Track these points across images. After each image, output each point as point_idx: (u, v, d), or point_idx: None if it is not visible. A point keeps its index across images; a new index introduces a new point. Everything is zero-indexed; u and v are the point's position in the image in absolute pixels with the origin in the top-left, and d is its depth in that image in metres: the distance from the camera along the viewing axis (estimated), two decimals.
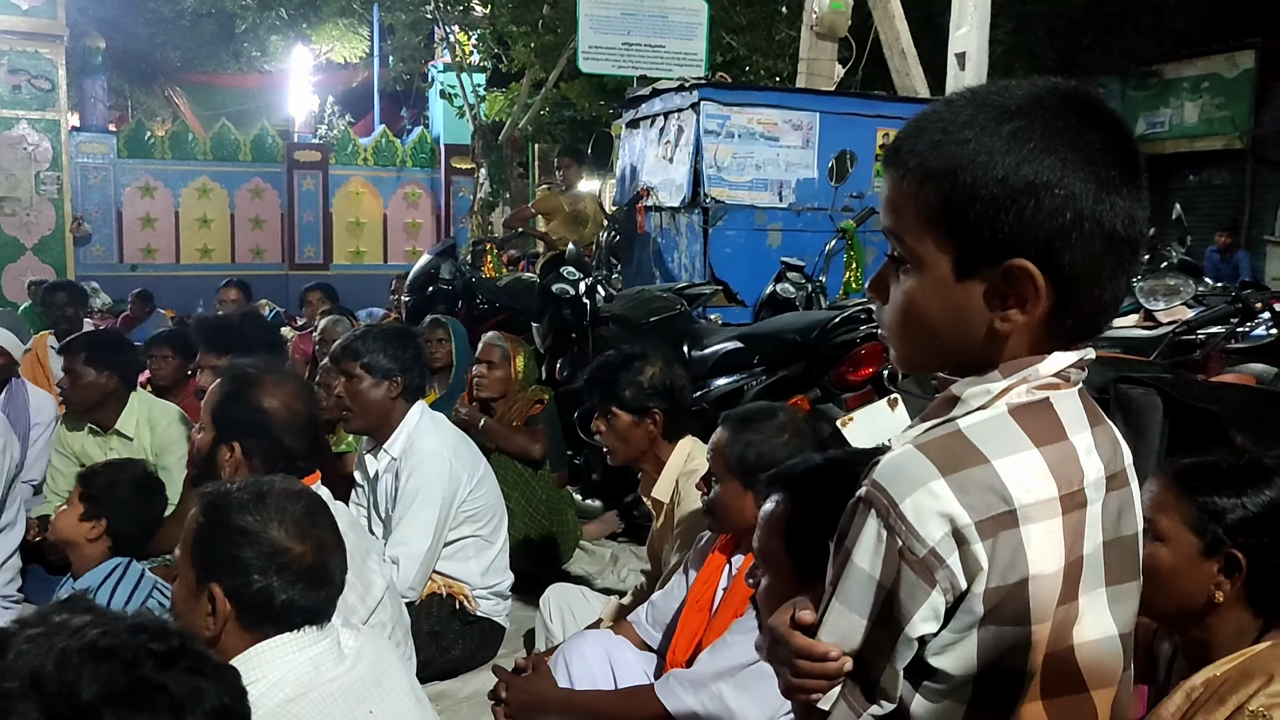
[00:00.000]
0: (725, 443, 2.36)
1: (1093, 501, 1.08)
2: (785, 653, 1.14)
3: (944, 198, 1.02)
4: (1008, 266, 1.01)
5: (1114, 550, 1.11)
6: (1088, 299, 1.04)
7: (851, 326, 3.74)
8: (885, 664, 1.07)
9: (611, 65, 7.72)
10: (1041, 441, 1.05)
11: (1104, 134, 1.03)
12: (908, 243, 1.07)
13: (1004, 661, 1.06)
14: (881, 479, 1.05)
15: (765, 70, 11.44)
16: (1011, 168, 1.00)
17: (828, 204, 5.95)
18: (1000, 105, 1.03)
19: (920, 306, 1.07)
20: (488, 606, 3.40)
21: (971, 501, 1.01)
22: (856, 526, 1.07)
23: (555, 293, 4.92)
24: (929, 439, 1.06)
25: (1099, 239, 1.01)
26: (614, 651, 2.61)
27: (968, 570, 1.02)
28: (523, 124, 12.58)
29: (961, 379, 1.08)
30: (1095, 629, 1.10)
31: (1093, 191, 1.00)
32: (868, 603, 1.06)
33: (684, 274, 6.04)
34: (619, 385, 2.91)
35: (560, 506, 4.37)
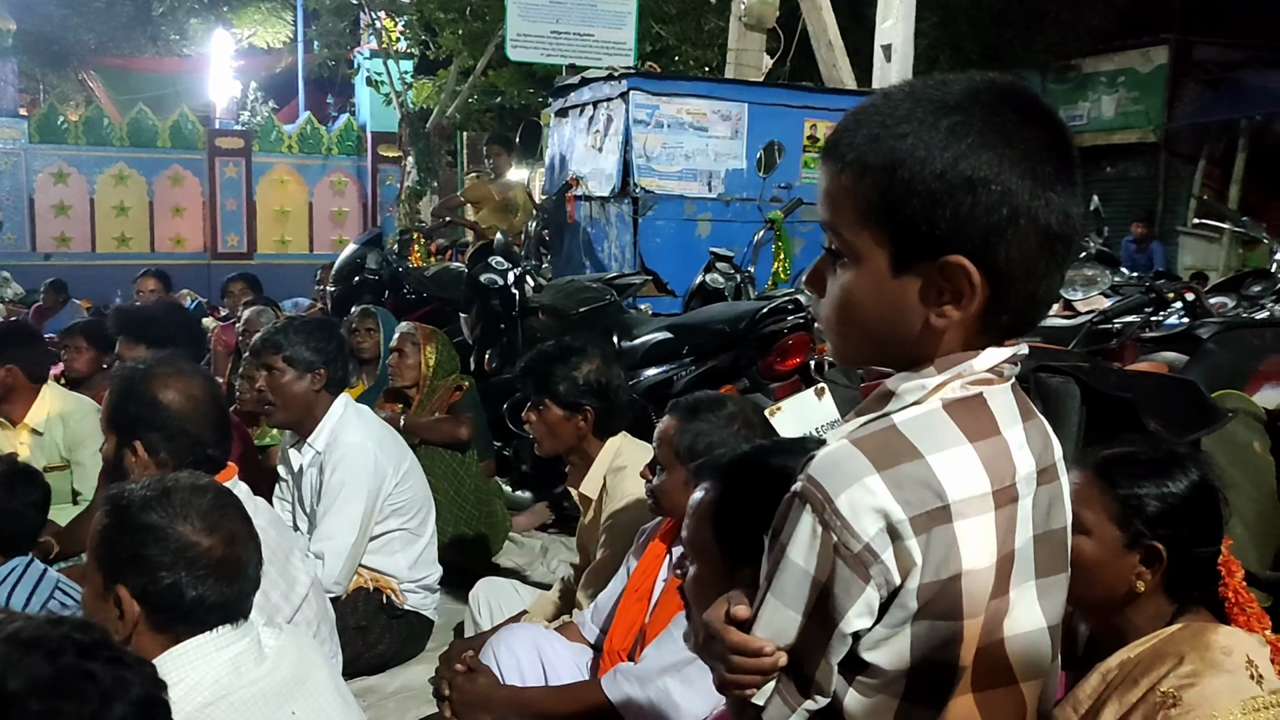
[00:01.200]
0: (673, 431, 2.35)
1: (1024, 496, 1.09)
2: (719, 648, 1.14)
3: (881, 192, 1.02)
4: (944, 262, 1.02)
5: (1044, 544, 1.12)
6: (1022, 294, 1.04)
7: (779, 317, 3.76)
8: (819, 659, 1.08)
9: (540, 53, 7.65)
10: (975, 437, 1.06)
11: (1040, 130, 1.04)
12: (845, 236, 1.07)
13: (936, 655, 1.06)
14: (817, 474, 1.05)
15: (694, 60, 11.45)
16: (949, 163, 1.00)
17: (756, 195, 5.98)
18: (938, 100, 1.03)
19: (856, 301, 1.07)
20: (416, 600, 3.37)
21: (906, 497, 1.02)
22: (791, 522, 1.07)
23: (483, 283, 4.88)
24: (864, 434, 1.06)
25: (1034, 235, 1.01)
26: (544, 645, 2.60)
27: (902, 566, 1.02)
28: (450, 112, 12.43)
29: (897, 373, 1.08)
30: (1025, 622, 1.11)
31: (1029, 187, 1.01)
32: (802, 598, 1.07)
33: (614, 264, 6.02)
34: (554, 378, 2.90)
35: (489, 498, 4.35)
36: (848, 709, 1.09)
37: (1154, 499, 1.65)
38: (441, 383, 4.36)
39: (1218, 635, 1.62)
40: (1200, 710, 1.51)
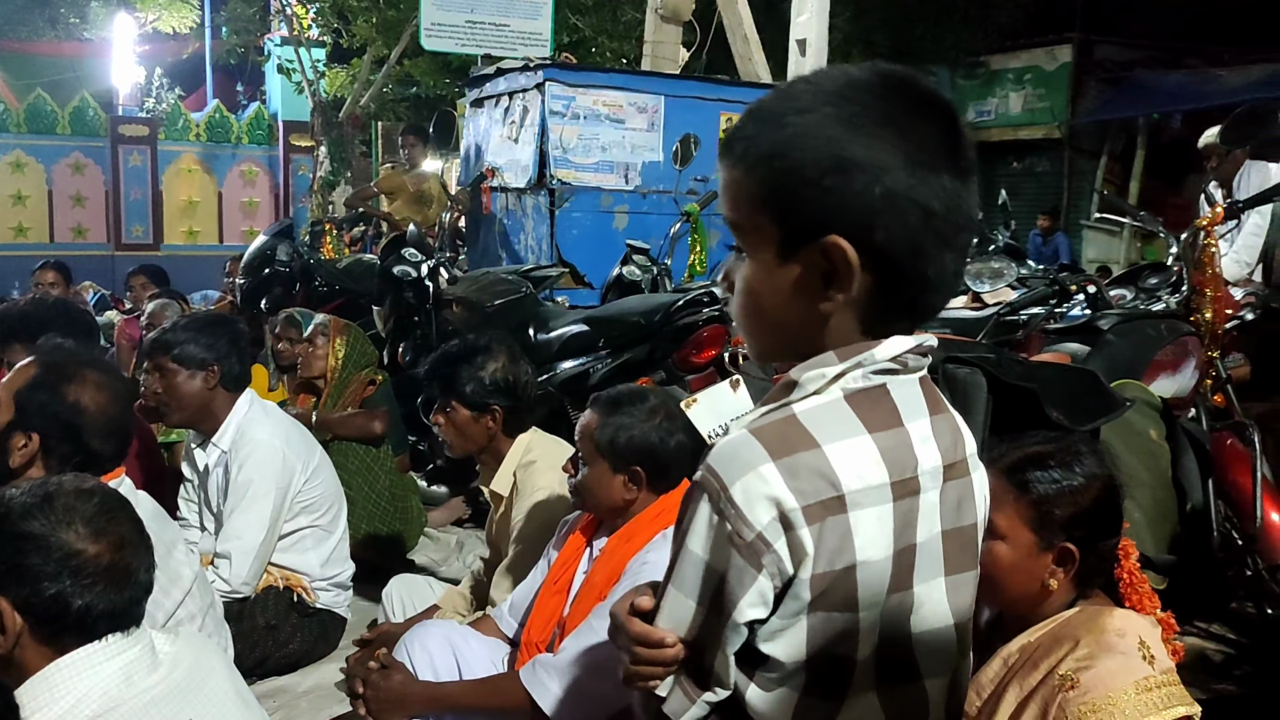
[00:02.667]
0: (595, 425, 2.34)
1: (927, 490, 1.09)
2: (624, 639, 1.15)
3: (765, 181, 1.04)
4: (823, 244, 1.02)
5: (953, 539, 1.13)
6: (912, 277, 1.04)
7: (694, 309, 3.78)
8: (717, 650, 1.08)
9: (455, 43, 7.56)
10: (875, 427, 1.06)
11: (927, 117, 1.04)
12: (743, 229, 1.08)
13: (834, 648, 1.07)
14: (714, 463, 1.05)
15: (611, 52, 11.43)
16: (823, 146, 1.01)
17: (673, 187, 6.00)
18: (823, 90, 1.04)
19: (755, 292, 1.08)
20: (328, 598, 3.31)
21: (800, 486, 1.02)
22: (691, 511, 1.07)
23: (396, 275, 4.81)
24: (763, 423, 1.06)
25: (914, 215, 1.02)
26: (458, 641, 2.57)
27: (794, 555, 1.02)
28: (364, 101, 12.21)
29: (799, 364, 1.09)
30: (931, 618, 1.12)
31: (907, 168, 1.01)
32: (700, 587, 1.07)
33: (530, 256, 5.99)
34: (459, 379, 2.86)
35: (404, 493, 4.29)
36: (750, 702, 1.10)
37: (1067, 503, 1.68)
38: (354, 376, 4.30)
39: (1112, 618, 1.67)
40: (1097, 691, 1.56)
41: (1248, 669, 3.30)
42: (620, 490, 2.33)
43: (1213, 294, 3.29)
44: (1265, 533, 2.90)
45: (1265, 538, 2.90)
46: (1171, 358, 3.16)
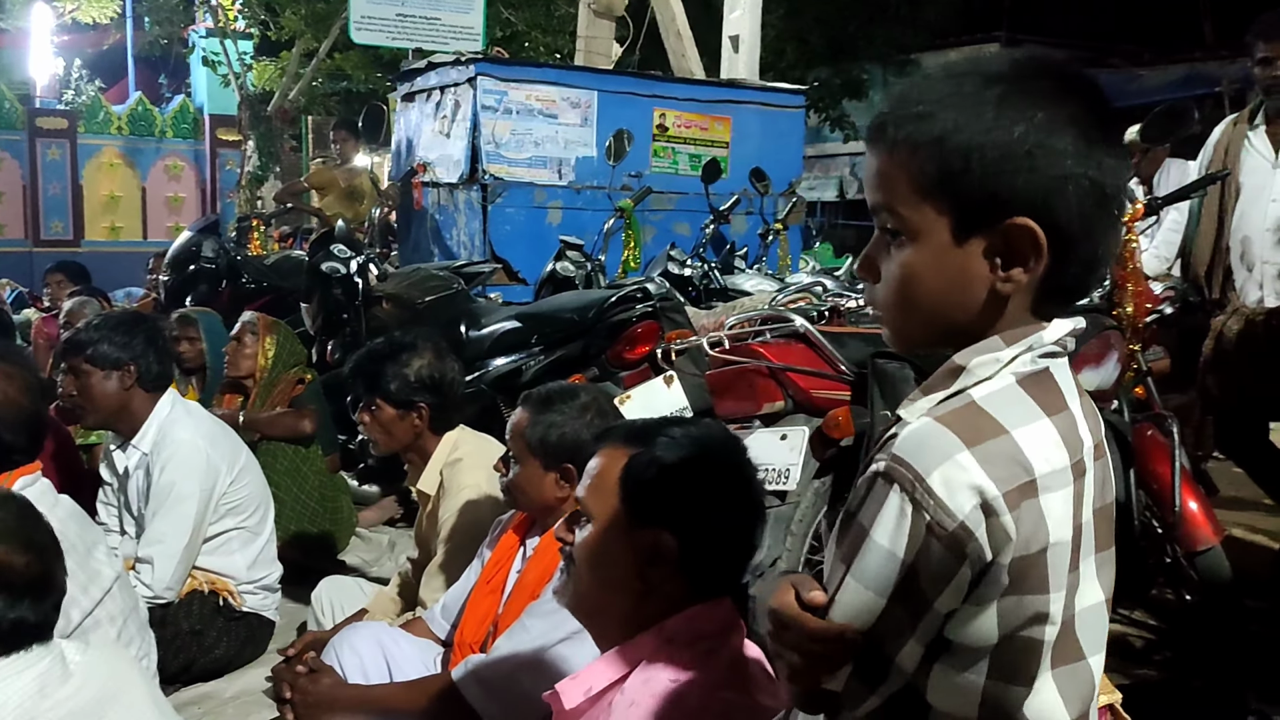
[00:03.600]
0: (526, 423, 2.33)
1: (1089, 470, 1.10)
2: (793, 636, 1.10)
3: (938, 163, 1.03)
4: (1008, 226, 1.02)
5: (1102, 516, 1.13)
6: (1083, 255, 1.05)
7: (628, 305, 3.77)
8: (904, 641, 1.06)
9: (385, 37, 7.48)
10: (1051, 411, 1.07)
11: (1082, 94, 1.06)
12: (902, 213, 1.06)
13: (1023, 631, 1.06)
14: (904, 453, 1.03)
15: (545, 47, 11.38)
16: (1004, 128, 1.02)
17: (607, 183, 5.98)
18: (981, 73, 1.05)
19: (919, 276, 1.07)
20: (255, 601, 3.26)
21: (997, 473, 1.01)
22: (875, 502, 1.05)
23: (325, 271, 4.73)
24: (944, 411, 1.05)
25: (1091, 194, 1.03)
26: (388, 643, 2.54)
27: (995, 542, 1.02)
28: (293, 95, 12.01)
29: (959, 350, 1.08)
30: (1090, 595, 1.12)
31: (1082, 148, 1.02)
32: (886, 579, 1.04)
33: (463, 252, 5.94)
34: (384, 377, 2.83)
35: (334, 493, 4.25)
36: (931, 691, 1.08)
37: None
38: (283, 375, 4.24)
39: None
40: None
41: (1168, 654, 3.39)
42: (552, 488, 2.32)
43: (1134, 289, 3.35)
44: (1183, 521, 2.97)
45: (1183, 526, 2.97)
46: (1095, 351, 3.21)
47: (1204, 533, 3.00)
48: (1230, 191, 3.77)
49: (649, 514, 1.52)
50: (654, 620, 1.52)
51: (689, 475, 1.54)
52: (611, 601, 1.56)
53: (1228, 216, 3.78)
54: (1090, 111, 1.05)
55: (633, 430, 1.63)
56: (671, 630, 1.49)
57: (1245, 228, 3.74)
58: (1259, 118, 3.79)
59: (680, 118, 6.42)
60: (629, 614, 1.54)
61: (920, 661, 1.08)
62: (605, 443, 1.63)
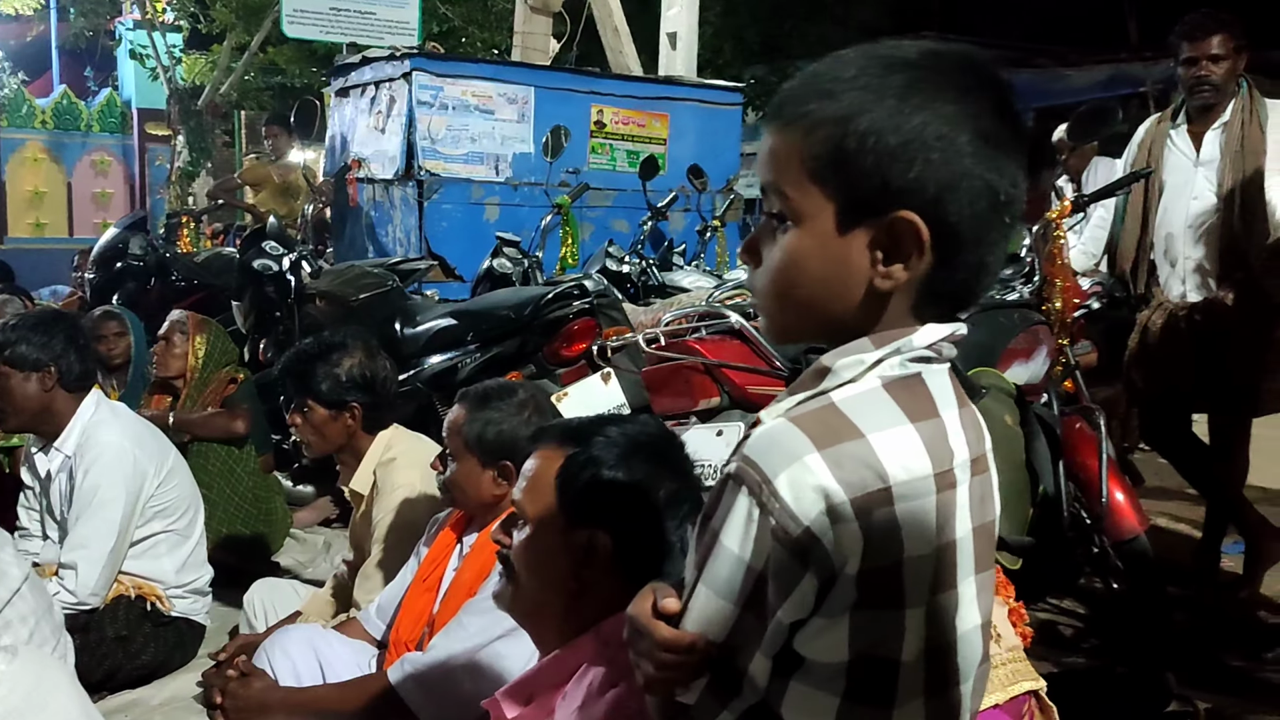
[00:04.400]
0: (463, 421, 2.32)
1: (961, 483, 1.04)
2: (646, 645, 1.06)
3: (832, 146, 0.98)
4: (893, 219, 0.97)
5: (980, 536, 1.07)
6: (970, 260, 1.00)
7: (565, 302, 3.76)
8: (754, 652, 1.01)
9: (319, 30, 7.35)
10: (916, 417, 1.01)
11: (993, 93, 1.00)
12: (789, 195, 1.01)
13: (878, 649, 1.01)
14: (753, 454, 0.98)
15: (482, 43, 11.30)
16: (904, 116, 0.96)
17: (544, 179, 5.96)
18: (891, 57, 1.00)
19: (799, 262, 1.01)
20: (184, 606, 3.20)
21: (847, 478, 0.96)
22: (725, 505, 1.00)
23: (256, 269, 4.66)
24: (802, 412, 1.00)
25: (985, 196, 0.98)
26: (321, 645, 2.51)
27: (842, 550, 0.96)
28: (225, 89, 11.78)
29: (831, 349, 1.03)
30: (967, 618, 1.06)
31: (982, 148, 0.97)
32: (737, 587, 1.00)
33: (399, 249, 5.87)
34: (315, 378, 2.80)
35: (267, 494, 4.19)
36: (784, 708, 1.03)
37: None
38: (214, 374, 4.18)
39: None
40: None
41: (1096, 641, 3.46)
42: (490, 486, 2.31)
43: (1062, 284, 3.41)
44: (1110, 511, 3.04)
45: (1110, 516, 3.04)
46: (1024, 346, 3.27)
47: (1129, 522, 3.07)
48: (1154, 189, 3.85)
49: (584, 514, 1.51)
50: (592, 621, 1.50)
51: (624, 474, 1.53)
52: (549, 603, 1.54)
53: (1152, 213, 3.87)
54: (997, 112, 1.00)
55: (568, 430, 1.62)
56: (608, 633, 1.47)
57: (1168, 224, 3.83)
58: (1181, 117, 3.88)
59: (618, 114, 6.41)
60: (566, 615, 1.52)
61: (773, 677, 1.02)
62: (540, 443, 1.62)
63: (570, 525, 1.51)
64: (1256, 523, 3.79)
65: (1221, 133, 3.73)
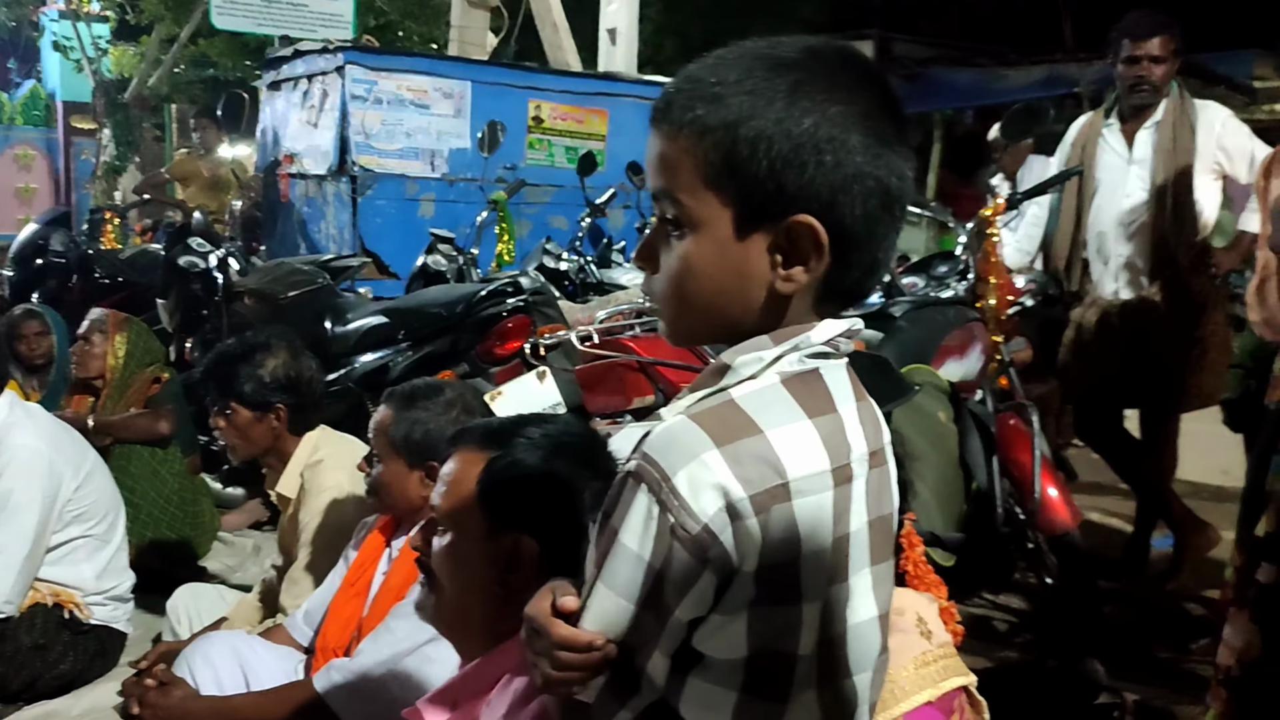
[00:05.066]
0: (389, 421, 2.28)
1: (858, 477, 1.06)
2: (544, 644, 1.05)
3: (725, 152, 0.98)
4: (791, 223, 0.98)
5: (877, 529, 1.09)
6: (864, 258, 1.02)
7: (498, 299, 3.70)
8: (653, 650, 1.01)
9: (249, 22, 7.23)
10: (813, 413, 1.02)
11: (877, 91, 1.02)
12: (684, 202, 1.01)
13: (776, 644, 1.02)
14: (652, 451, 0.98)
15: (419, 37, 11.17)
16: (794, 120, 0.97)
17: (480, 175, 5.89)
18: (773, 58, 1.00)
19: (698, 269, 1.02)
20: (104, 613, 3.10)
21: (745, 474, 0.97)
22: (625, 503, 0.99)
23: (182, 266, 4.54)
24: (701, 409, 1.01)
25: (877, 195, 0.99)
26: (245, 652, 2.45)
27: (741, 547, 0.97)
28: (153, 81, 11.49)
29: (730, 348, 1.04)
30: (863, 610, 1.08)
31: (872, 147, 0.99)
32: (635, 585, 1.00)
33: (332, 245, 5.78)
34: (238, 379, 2.73)
35: (194, 497, 4.10)
36: (682, 705, 1.04)
37: None
38: (137, 374, 4.08)
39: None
40: None
41: (1029, 636, 3.50)
42: (418, 487, 2.27)
43: (996, 281, 3.44)
44: (1043, 507, 3.07)
45: (1043, 512, 3.07)
46: (959, 343, 3.29)
47: (1062, 518, 3.10)
48: (1087, 187, 3.90)
49: (507, 519, 1.46)
50: (517, 627, 1.47)
51: (547, 477, 1.49)
52: (472, 611, 1.50)
53: (1085, 211, 3.92)
54: (883, 110, 1.01)
55: (487, 431, 1.57)
56: None
57: (1101, 222, 3.88)
58: (1114, 115, 3.93)
59: (556, 110, 6.35)
60: (491, 623, 1.48)
61: (672, 674, 1.03)
62: (459, 446, 1.57)
63: (493, 531, 1.47)
64: (1183, 516, 3.86)
65: (1154, 132, 3.78)
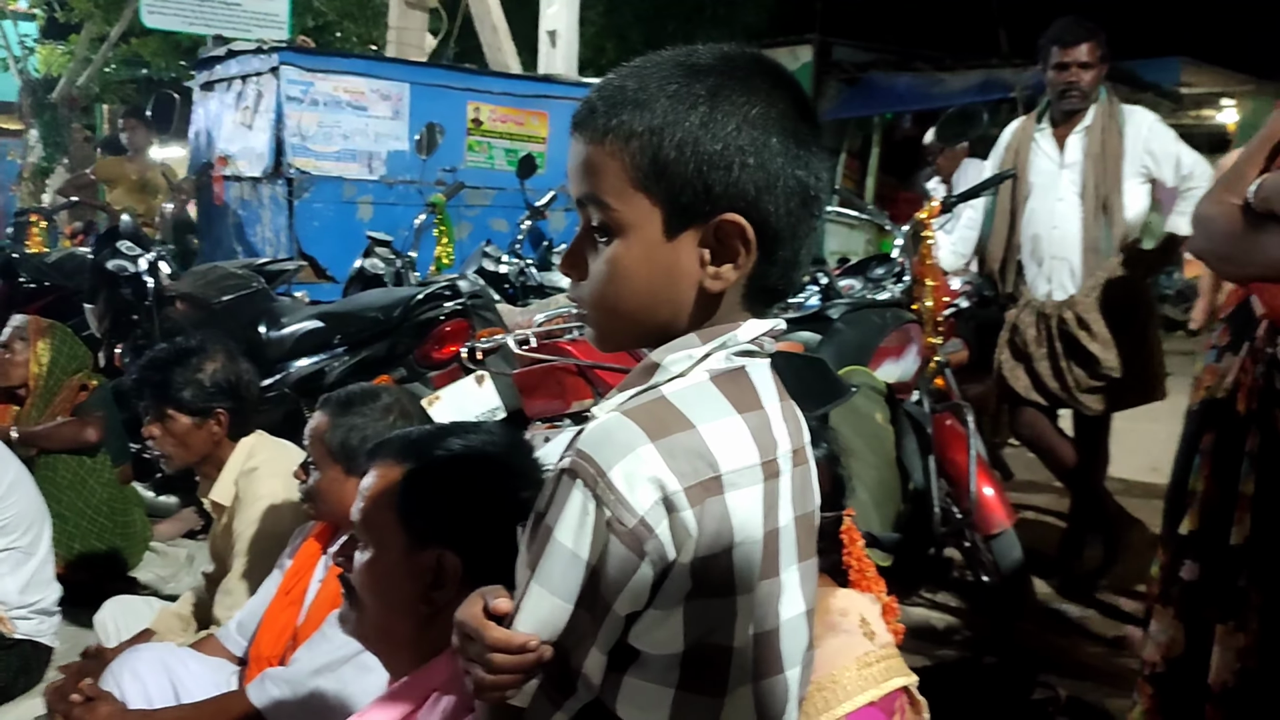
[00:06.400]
0: (325, 427, 2.25)
1: (784, 473, 1.08)
2: (477, 648, 1.04)
3: (652, 154, 1.01)
4: (720, 221, 1.01)
5: (802, 525, 1.12)
6: (787, 254, 1.05)
7: (436, 303, 3.66)
8: (589, 649, 1.01)
9: (181, 21, 7.09)
10: (742, 408, 1.05)
11: (791, 93, 1.05)
12: (612, 205, 1.03)
13: (712, 638, 1.03)
14: (587, 447, 0.99)
15: (358, 37, 11.06)
16: (718, 122, 1.00)
17: (419, 177, 5.83)
18: (691, 64, 1.03)
19: (628, 272, 1.03)
20: (29, 627, 3.02)
21: (680, 467, 0.98)
22: (559, 500, 1.00)
23: (111, 270, 4.43)
24: (634, 406, 1.02)
25: (798, 194, 1.03)
26: (174, 664, 2.38)
27: (676, 539, 0.99)
28: (83, 81, 11.25)
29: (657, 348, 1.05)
30: (791, 606, 1.10)
31: (791, 148, 1.02)
32: (571, 583, 1.00)
33: (268, 249, 5.68)
34: (174, 384, 2.68)
35: (124, 506, 4.00)
36: (620, 703, 1.04)
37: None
38: (64, 382, 3.97)
39: (835, 598, 1.71)
40: (820, 671, 1.58)
41: (968, 634, 3.53)
42: (354, 494, 2.22)
43: (932, 283, 3.48)
44: (979, 507, 3.10)
45: (979, 511, 3.11)
46: (895, 344, 3.32)
47: (998, 517, 3.14)
48: (1020, 190, 3.95)
49: (429, 534, 1.43)
50: (444, 644, 1.44)
51: (468, 489, 1.46)
52: (397, 628, 1.46)
53: (1019, 214, 3.97)
54: (799, 112, 1.05)
55: (405, 444, 1.54)
56: None
57: (1034, 225, 3.93)
58: (1045, 120, 3.99)
59: (496, 112, 6.31)
60: (416, 639, 1.45)
61: (608, 672, 1.03)
62: (377, 459, 1.53)
63: (414, 547, 1.44)
64: (1115, 513, 3.92)
65: (1084, 136, 3.85)
